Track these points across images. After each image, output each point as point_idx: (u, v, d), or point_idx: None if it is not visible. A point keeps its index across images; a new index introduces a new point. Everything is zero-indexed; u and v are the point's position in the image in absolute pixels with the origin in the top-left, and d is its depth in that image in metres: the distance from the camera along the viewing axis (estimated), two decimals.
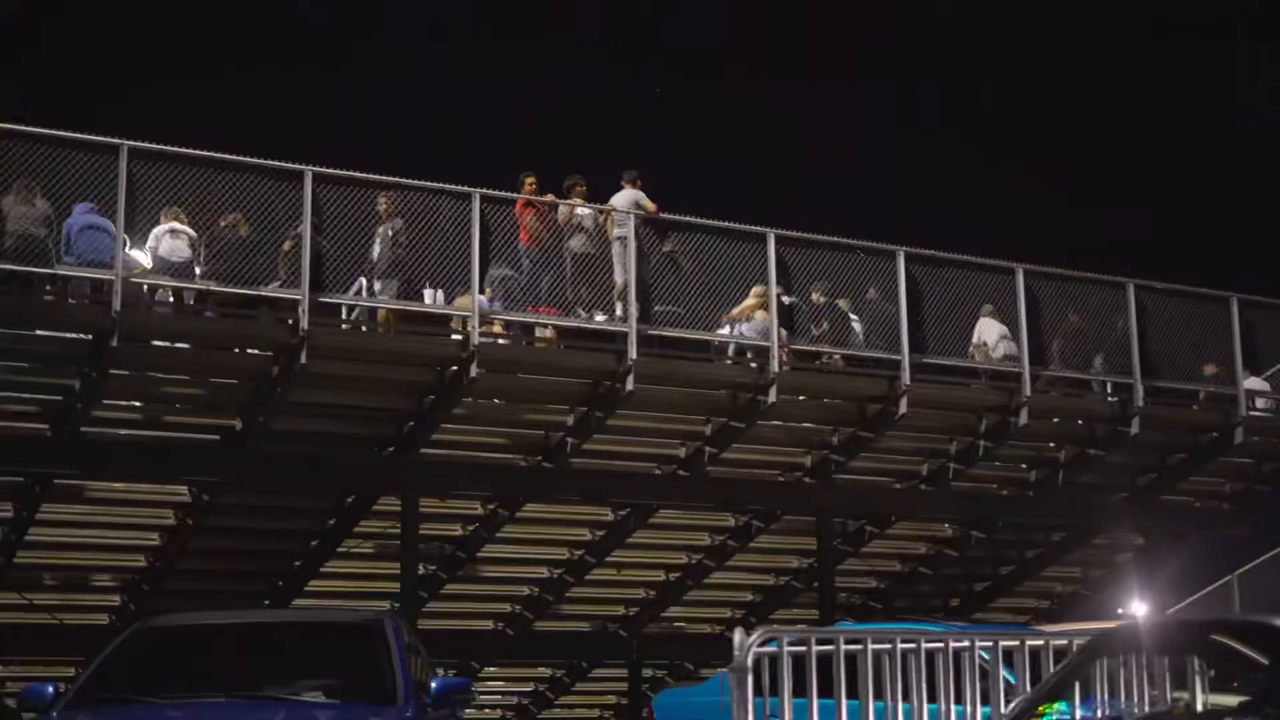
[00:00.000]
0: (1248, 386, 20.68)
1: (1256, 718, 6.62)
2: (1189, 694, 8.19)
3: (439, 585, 20.03)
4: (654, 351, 17.32)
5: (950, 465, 19.91)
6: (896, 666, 8.83)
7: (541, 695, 24.15)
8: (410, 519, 17.78)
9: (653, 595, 21.63)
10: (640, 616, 21.91)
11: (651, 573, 21.31)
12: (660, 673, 23.06)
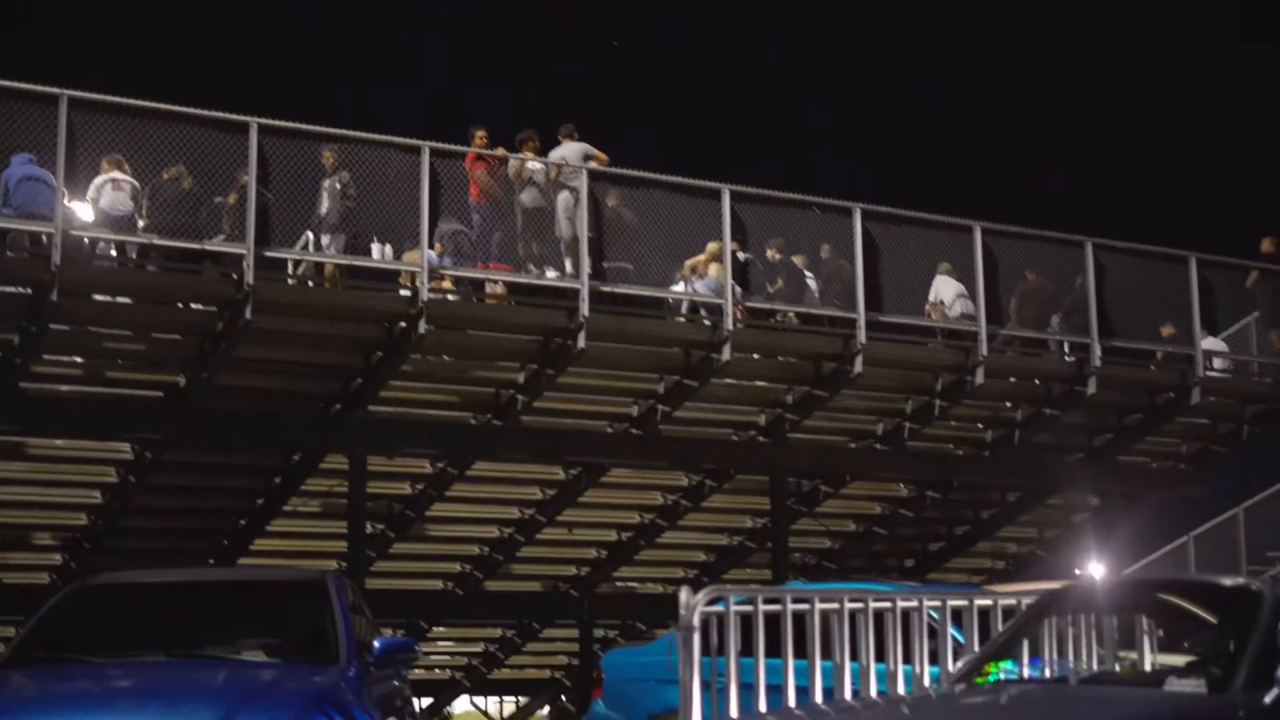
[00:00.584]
0: (1205, 347, 20.83)
1: (1201, 677, 6.69)
2: (1137, 653, 8.30)
3: (387, 545, 20.04)
4: (606, 308, 17.30)
5: (906, 424, 20.00)
6: (844, 626, 8.89)
7: (491, 655, 24.24)
8: (358, 477, 17.77)
9: (604, 555, 21.70)
10: (591, 576, 22.00)
11: (603, 532, 21.37)
12: (612, 633, 23.16)
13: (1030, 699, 6.95)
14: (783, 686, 8.77)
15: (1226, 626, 7.01)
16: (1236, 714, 6.34)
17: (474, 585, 21.38)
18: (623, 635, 22.65)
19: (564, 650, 24.55)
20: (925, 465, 21.05)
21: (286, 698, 7.81)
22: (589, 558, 21.84)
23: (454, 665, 25.10)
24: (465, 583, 21.37)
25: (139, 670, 8.35)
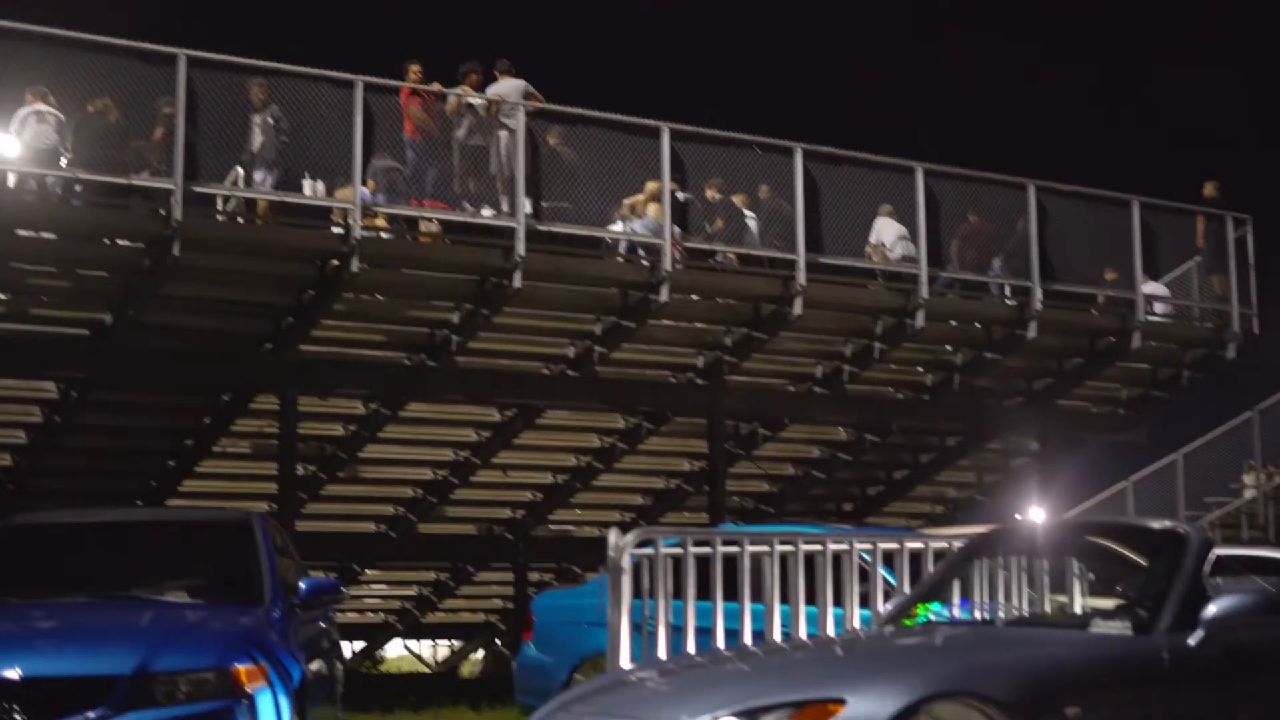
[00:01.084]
0: (1146, 291, 21.00)
1: (1127, 619, 6.81)
2: (1067, 596, 8.41)
3: (319, 486, 20.04)
4: (543, 248, 17.29)
5: (845, 367, 20.10)
6: (774, 568, 8.97)
7: (425, 599, 24.33)
8: (288, 418, 17.72)
9: (539, 498, 21.76)
10: (527, 519, 22.06)
11: (538, 475, 21.43)
12: (547, 576, 23.27)
13: (956, 640, 7.04)
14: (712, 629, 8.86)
15: (1154, 569, 7.12)
16: (1160, 656, 6.46)
17: (407, 528, 21.41)
18: (558, 579, 22.74)
19: (498, 594, 24.66)
20: (864, 409, 21.18)
21: (209, 639, 7.83)
22: (524, 500, 21.90)
23: (386, 609, 25.18)
24: (398, 525, 21.39)
25: (59, 611, 8.35)
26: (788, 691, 6.06)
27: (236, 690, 7.49)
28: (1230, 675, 6.57)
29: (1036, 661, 6.36)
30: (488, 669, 26.46)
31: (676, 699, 6.44)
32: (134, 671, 7.32)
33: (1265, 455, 26.15)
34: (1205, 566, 6.88)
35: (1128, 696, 6.36)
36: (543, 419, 19.66)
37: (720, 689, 6.40)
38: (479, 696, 16.59)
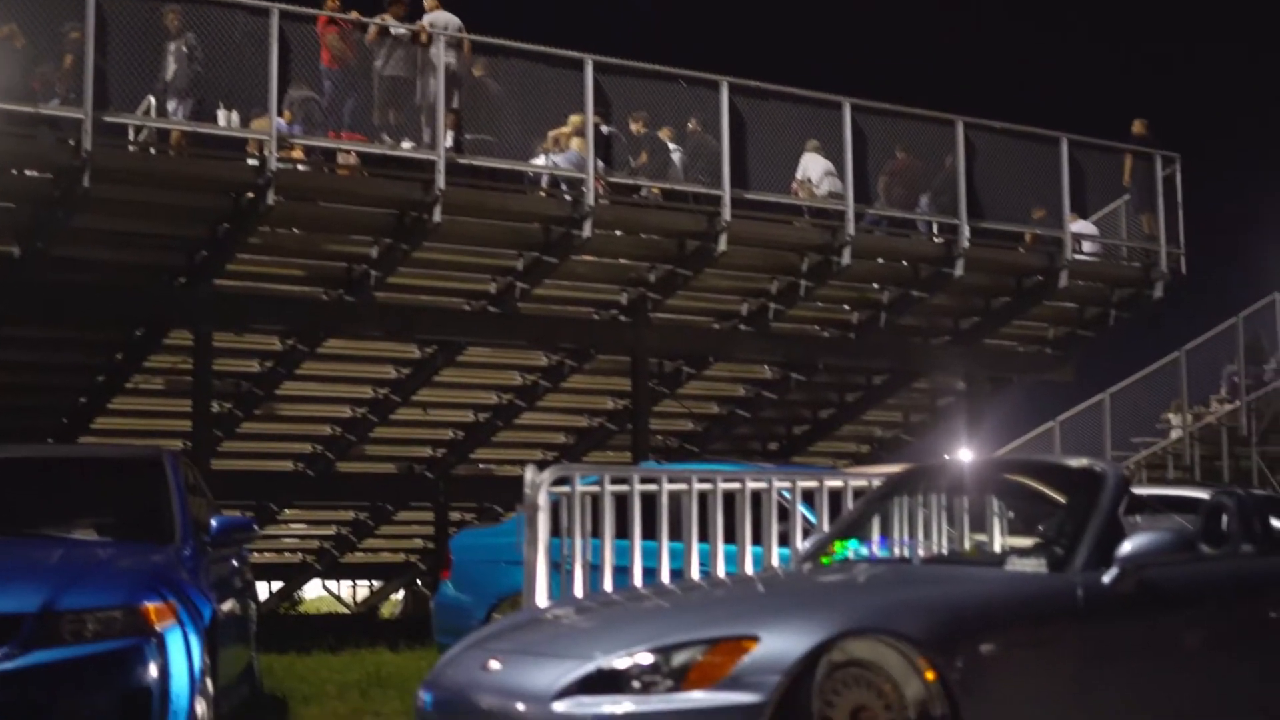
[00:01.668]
0: (1074, 229, 21.17)
1: (1043, 556, 6.92)
2: (987, 535, 8.53)
3: (235, 424, 19.98)
4: (464, 181, 17.22)
5: (770, 305, 20.17)
6: (692, 506, 9.04)
7: (344, 538, 24.34)
8: (203, 354, 17.64)
9: (461, 436, 21.78)
10: (447, 458, 22.08)
11: (460, 413, 21.44)
12: (468, 516, 23.32)
13: (872, 578, 7.14)
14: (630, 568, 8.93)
15: (1071, 508, 7.23)
16: (1075, 593, 6.57)
17: (325, 466, 21.39)
18: (480, 518, 22.80)
19: (419, 534, 24.70)
20: (790, 347, 21.27)
21: (118, 577, 7.82)
22: (445, 439, 21.91)
23: (305, 549, 25.17)
24: (316, 464, 21.37)
25: None
26: (702, 628, 6.13)
27: (145, 629, 7.48)
28: (1143, 612, 6.70)
29: (951, 599, 6.46)
30: (408, 610, 26.53)
31: (592, 636, 6.51)
32: (40, 609, 7.29)
33: (1191, 396, 26.53)
34: (1121, 505, 6.99)
35: (1042, 633, 6.48)
36: (463, 356, 19.65)
37: (636, 626, 6.47)
38: (398, 637, 16.63)
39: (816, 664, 5.86)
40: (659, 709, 5.84)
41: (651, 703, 5.86)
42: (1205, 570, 7.16)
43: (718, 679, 5.83)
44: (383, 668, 12.58)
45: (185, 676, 7.55)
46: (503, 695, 6.20)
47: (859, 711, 5.95)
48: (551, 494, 9.12)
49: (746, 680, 5.80)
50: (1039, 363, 23.15)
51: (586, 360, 20.28)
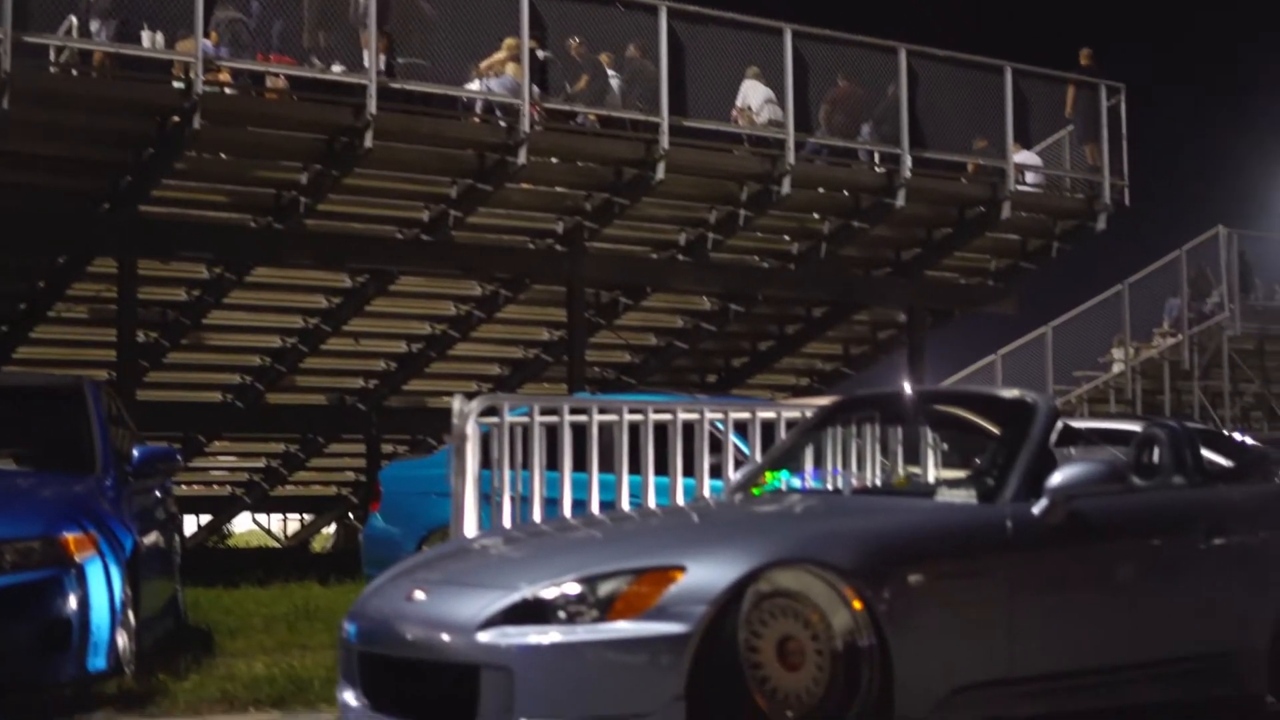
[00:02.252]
0: (1018, 160, 21.25)
1: (973, 487, 7.01)
2: (921, 466, 8.62)
3: (161, 354, 19.90)
4: (396, 106, 17.13)
5: (709, 235, 20.19)
6: (623, 437, 9.09)
7: (274, 471, 24.31)
8: (128, 282, 17.55)
9: (393, 367, 21.77)
10: (379, 389, 22.08)
11: (392, 343, 21.42)
12: (401, 448, 23.34)
13: (802, 509, 7.22)
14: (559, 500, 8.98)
15: (1002, 438, 7.32)
16: (1004, 524, 6.66)
17: (255, 398, 21.36)
18: (412, 450, 22.82)
19: (351, 466, 24.71)
20: (729, 277, 21.33)
21: (36, 506, 7.82)
22: (377, 370, 21.90)
23: (234, 481, 25.14)
24: (245, 395, 21.33)
25: None
26: (629, 559, 6.20)
27: (64, 559, 7.49)
28: (1073, 543, 6.80)
29: (880, 530, 6.53)
30: (340, 543, 26.58)
31: (518, 565, 6.57)
32: None
33: (1134, 329, 26.83)
34: (1052, 436, 7.08)
35: (970, 564, 6.56)
36: (396, 285, 19.61)
37: (563, 556, 6.53)
38: (329, 571, 16.65)
39: (743, 594, 5.93)
40: (585, 639, 5.89)
41: (577, 633, 5.92)
42: (1136, 502, 7.26)
43: (644, 609, 5.89)
44: (311, 601, 12.62)
45: (106, 608, 7.57)
46: (427, 626, 6.24)
47: (786, 642, 6.02)
48: (482, 425, 9.15)
49: (673, 610, 5.86)
50: (981, 295, 23.28)
51: (521, 290, 20.28)
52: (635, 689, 5.82)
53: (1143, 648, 6.96)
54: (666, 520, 7.34)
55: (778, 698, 5.95)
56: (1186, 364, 26.34)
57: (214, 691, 7.71)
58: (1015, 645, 6.51)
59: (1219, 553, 7.24)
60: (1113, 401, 26.57)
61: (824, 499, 7.61)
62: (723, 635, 5.85)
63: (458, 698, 6.02)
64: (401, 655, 6.35)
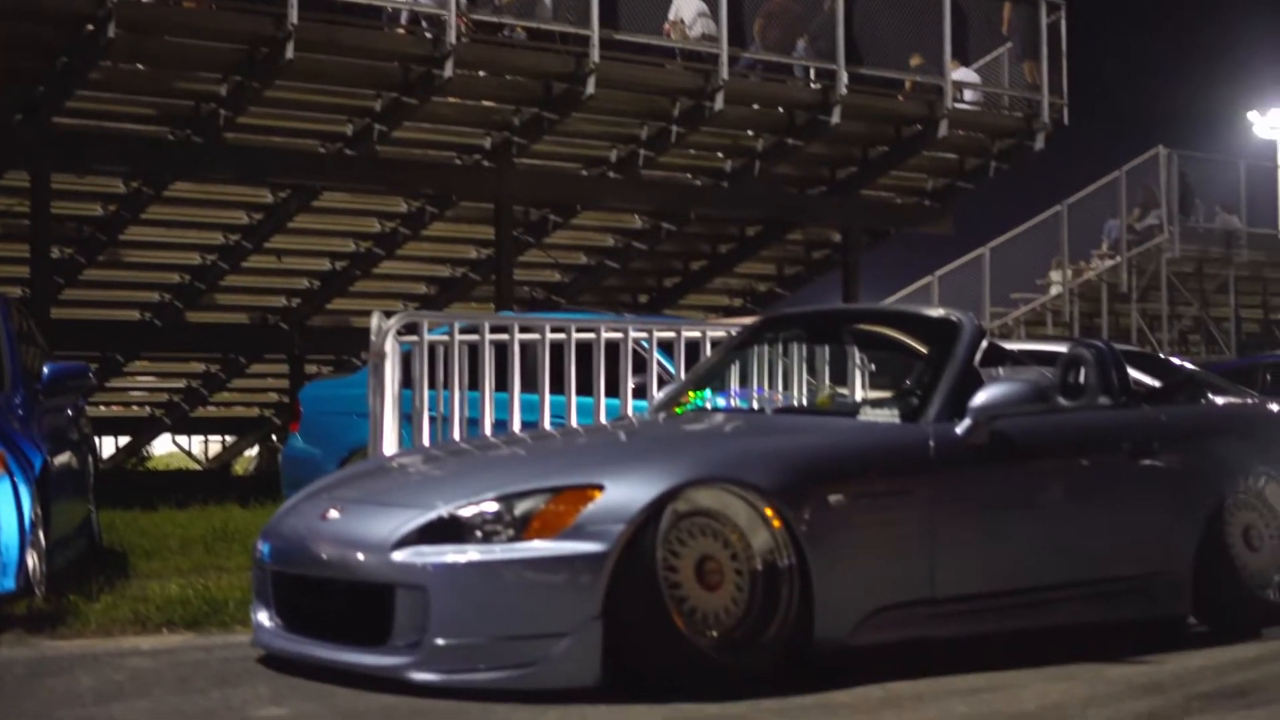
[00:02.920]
0: (956, 78, 21.28)
1: (896, 407, 7.07)
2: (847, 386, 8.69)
3: (77, 271, 19.76)
4: (318, 16, 16.97)
5: (641, 152, 20.16)
6: (544, 355, 9.12)
7: (195, 392, 24.23)
8: (41, 196, 17.37)
9: (316, 285, 21.70)
10: (303, 308, 22.00)
11: (315, 261, 21.34)
12: (325, 368, 23.28)
13: (723, 428, 7.28)
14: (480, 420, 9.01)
15: (927, 358, 7.38)
16: (927, 444, 6.74)
17: (174, 316, 21.24)
18: (337, 371, 22.75)
19: (273, 387, 24.65)
20: (661, 195, 21.33)
21: None
22: (300, 288, 21.82)
23: (153, 402, 25.04)
24: (164, 313, 21.21)
25: None
26: (547, 477, 6.24)
27: None
28: (996, 463, 6.89)
29: (801, 449, 6.59)
30: (262, 465, 26.54)
31: (436, 484, 6.60)
32: None
33: (1072, 251, 27.00)
34: (976, 355, 7.15)
35: (892, 484, 6.64)
36: (319, 201, 19.53)
37: (482, 475, 6.57)
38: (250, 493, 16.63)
39: (661, 513, 5.98)
40: (501, 558, 5.94)
41: (493, 552, 5.96)
42: (1060, 422, 7.34)
43: (561, 528, 5.94)
44: (230, 523, 12.60)
45: (14, 528, 7.56)
46: (342, 545, 6.28)
47: (705, 561, 6.08)
48: (404, 344, 9.17)
49: (589, 529, 5.91)
50: (917, 215, 23.37)
51: (448, 207, 20.22)
52: (552, 609, 5.88)
53: (1066, 569, 7.06)
54: (587, 439, 7.38)
55: (696, 617, 6.01)
56: (1125, 287, 26.57)
57: (126, 613, 7.72)
58: (937, 566, 6.59)
59: (1143, 474, 7.35)
60: (1050, 324, 26.78)
61: (745, 418, 7.66)
62: (640, 555, 5.90)
63: (372, 618, 6.06)
64: (316, 575, 6.39)
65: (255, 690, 6.03)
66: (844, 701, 5.80)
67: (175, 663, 6.68)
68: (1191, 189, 27.11)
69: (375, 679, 5.97)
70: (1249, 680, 6.26)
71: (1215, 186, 27.91)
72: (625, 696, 5.74)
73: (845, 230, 22.86)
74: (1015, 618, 6.88)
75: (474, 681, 5.85)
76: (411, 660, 5.92)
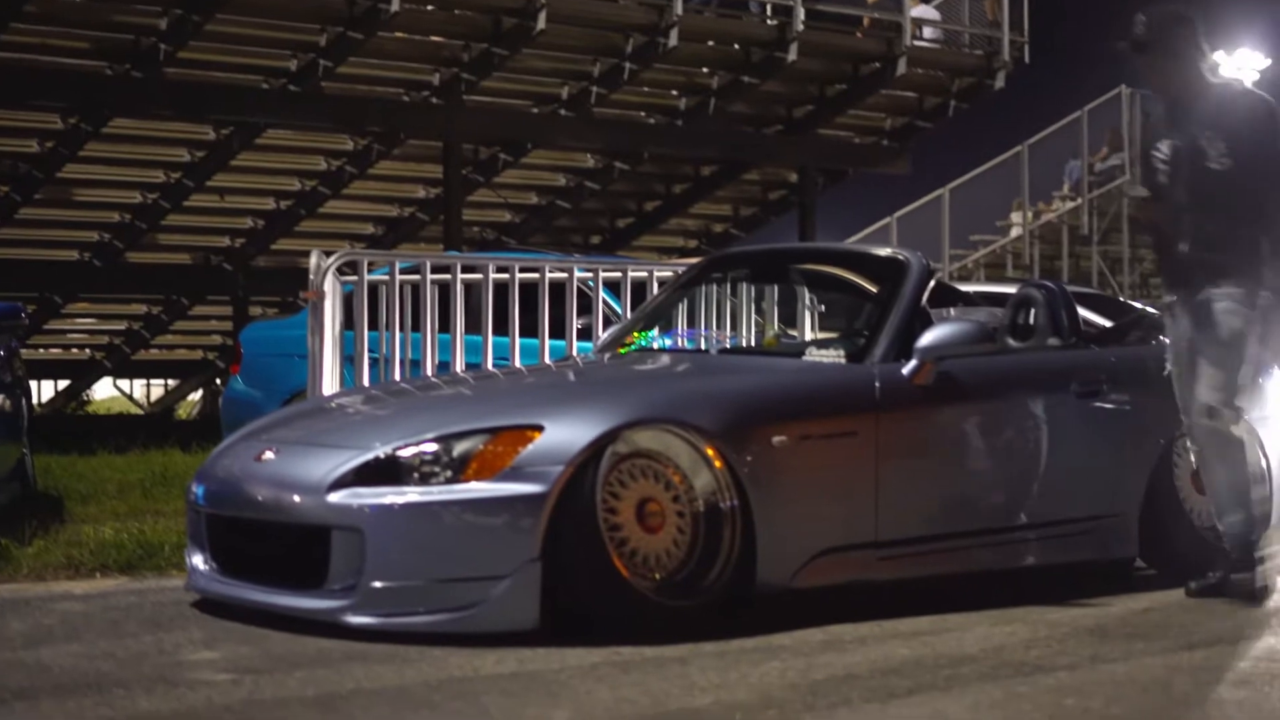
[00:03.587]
0: (915, 14, 21.31)
1: (841, 348, 7.11)
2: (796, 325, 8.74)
3: (12, 210, 19.67)
4: None
5: (593, 89, 20.14)
6: (488, 296, 9.13)
7: (136, 334, 24.15)
8: None
9: (260, 225, 21.63)
10: (247, 249, 21.93)
11: (259, 200, 21.28)
12: (271, 310, 23.22)
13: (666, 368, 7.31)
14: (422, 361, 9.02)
15: (875, 298, 7.41)
16: (872, 385, 6.77)
17: (114, 256, 21.16)
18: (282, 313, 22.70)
19: (217, 330, 24.59)
20: (613, 134, 21.31)
21: None
22: (244, 228, 21.75)
23: (93, 345, 24.94)
24: (104, 253, 21.12)
25: None
26: (486, 418, 6.25)
27: None
28: (942, 404, 6.93)
29: (744, 389, 6.62)
30: (206, 410, 26.49)
31: (374, 425, 6.62)
32: None
33: (1033, 193, 27.03)
34: (924, 295, 7.18)
35: (837, 425, 6.66)
36: (262, 139, 19.45)
37: (420, 415, 6.57)
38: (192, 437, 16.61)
39: (601, 454, 6.00)
40: (438, 500, 5.95)
41: (431, 494, 5.97)
42: (1008, 363, 7.37)
43: (499, 469, 5.95)
44: (170, 467, 12.58)
45: None
46: (277, 486, 6.28)
47: (646, 503, 6.10)
48: (347, 284, 9.16)
49: (528, 471, 5.93)
50: (875, 155, 23.41)
51: (396, 145, 20.17)
52: (490, 551, 5.90)
53: (1013, 511, 7.11)
54: (529, 380, 7.40)
55: (637, 560, 6.04)
56: (1086, 229, 26.65)
57: (59, 557, 7.71)
58: (882, 508, 6.63)
59: (1092, 415, 7.38)
60: (1010, 266, 26.83)
61: (689, 359, 7.69)
62: (580, 496, 5.92)
63: (308, 561, 6.08)
64: (251, 517, 6.40)
65: (188, 634, 6.05)
66: (785, 644, 5.85)
67: (107, 606, 6.69)
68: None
69: (311, 623, 5.98)
70: (1194, 622, 6.34)
71: None
72: (565, 640, 5.78)
73: (802, 170, 22.89)
74: (961, 561, 6.92)
75: (411, 625, 5.87)
76: (348, 603, 5.94)
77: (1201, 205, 6.78)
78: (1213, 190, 6.75)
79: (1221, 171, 6.73)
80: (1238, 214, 6.74)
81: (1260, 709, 4.81)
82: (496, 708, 4.82)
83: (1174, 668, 5.43)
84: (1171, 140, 6.93)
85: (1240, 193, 6.72)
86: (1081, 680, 5.20)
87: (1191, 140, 6.82)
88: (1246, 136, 6.74)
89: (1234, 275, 6.73)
